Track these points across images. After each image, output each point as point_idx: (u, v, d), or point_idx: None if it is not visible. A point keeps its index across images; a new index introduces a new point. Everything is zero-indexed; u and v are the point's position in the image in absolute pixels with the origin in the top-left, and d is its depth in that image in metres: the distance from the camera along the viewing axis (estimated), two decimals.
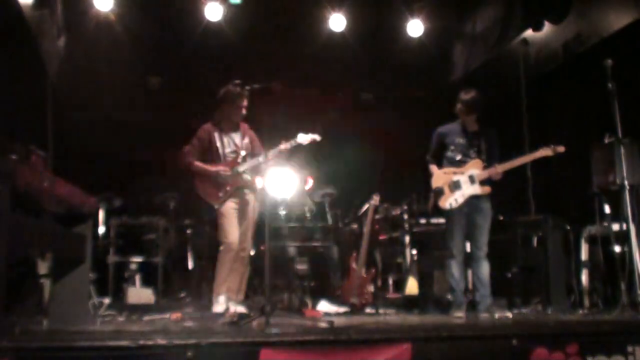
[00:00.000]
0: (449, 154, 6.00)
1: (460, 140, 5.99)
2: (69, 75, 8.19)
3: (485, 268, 5.79)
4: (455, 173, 5.89)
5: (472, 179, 5.83)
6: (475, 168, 5.88)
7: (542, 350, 3.91)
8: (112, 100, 8.97)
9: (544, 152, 5.82)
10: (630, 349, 4.02)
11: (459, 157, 5.94)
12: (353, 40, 8.79)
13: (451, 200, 5.85)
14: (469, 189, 5.83)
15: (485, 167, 5.86)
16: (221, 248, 6.03)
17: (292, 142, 6.10)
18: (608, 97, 5.47)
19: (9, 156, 3.86)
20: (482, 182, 5.84)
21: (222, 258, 6.01)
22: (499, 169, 5.79)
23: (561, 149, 5.80)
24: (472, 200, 5.83)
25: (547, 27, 7.62)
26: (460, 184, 5.85)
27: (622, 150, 5.56)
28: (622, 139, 5.52)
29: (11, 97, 6.42)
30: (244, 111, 6.17)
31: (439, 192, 5.92)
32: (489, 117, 6.39)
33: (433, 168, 6.06)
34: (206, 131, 6.20)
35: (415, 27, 8.79)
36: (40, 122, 7.06)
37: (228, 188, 6.06)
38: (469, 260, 6.04)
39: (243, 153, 6.18)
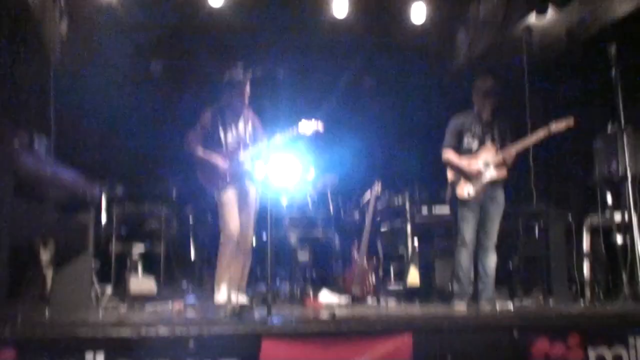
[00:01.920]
0: (465, 142, 5.95)
1: (476, 129, 5.95)
2: (72, 60, 8.16)
3: (492, 259, 5.76)
4: (468, 162, 5.86)
5: (486, 165, 5.80)
6: (488, 154, 5.85)
7: (543, 341, 3.92)
8: (114, 86, 8.95)
9: (556, 127, 5.77)
10: (631, 339, 4.03)
11: (475, 145, 5.91)
12: (355, 25, 8.74)
13: (468, 189, 5.81)
14: (485, 175, 5.79)
15: (497, 151, 5.84)
16: (221, 238, 6.04)
17: (295, 131, 6.07)
18: (612, 84, 5.43)
19: (12, 142, 3.85)
20: (498, 166, 5.80)
21: (222, 248, 6.01)
22: (512, 150, 5.75)
23: (570, 121, 5.74)
24: (488, 189, 5.80)
25: (551, 12, 7.55)
26: (480, 172, 5.81)
27: (625, 140, 5.53)
28: (625, 128, 5.50)
29: (13, 84, 6.41)
30: (246, 97, 6.13)
31: (456, 182, 5.88)
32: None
33: (452, 156, 5.96)
34: (209, 117, 6.17)
35: (418, 13, 8.74)
36: (43, 109, 7.03)
37: (228, 179, 6.05)
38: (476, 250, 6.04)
39: (244, 141, 6.15)
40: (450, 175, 5.95)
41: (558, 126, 5.75)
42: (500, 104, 6.04)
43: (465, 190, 5.82)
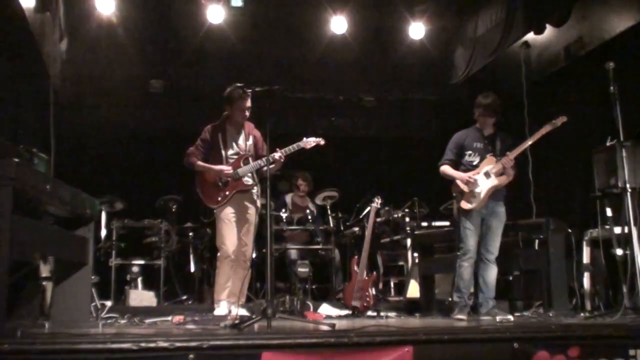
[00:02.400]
0: (467, 158, 5.97)
1: (479, 145, 5.98)
2: (71, 78, 8.21)
3: (493, 272, 5.78)
4: (470, 173, 5.88)
5: (487, 175, 5.83)
6: (488, 164, 5.88)
7: (543, 353, 3.90)
8: (114, 103, 8.99)
9: (548, 127, 5.81)
10: (632, 352, 4.01)
11: (477, 162, 5.94)
12: (355, 42, 8.80)
13: (471, 199, 5.82)
14: (486, 184, 5.81)
15: (497, 161, 5.87)
16: (218, 254, 6.05)
17: (296, 146, 6.10)
18: (610, 100, 5.47)
19: (12, 159, 3.87)
20: (499, 174, 5.83)
21: (220, 264, 6.02)
22: (511, 156, 5.78)
23: (563, 119, 5.78)
24: (489, 203, 5.82)
25: (549, 30, 7.62)
26: (478, 182, 5.83)
27: (624, 154, 5.55)
28: (624, 142, 5.52)
29: (13, 100, 6.44)
30: (247, 112, 6.17)
31: (459, 194, 5.90)
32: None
33: (449, 170, 6.00)
34: (209, 133, 6.21)
35: (416, 30, 8.80)
36: (43, 125, 7.07)
37: (227, 192, 6.06)
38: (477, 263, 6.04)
39: (244, 155, 6.17)
40: (454, 189, 5.97)
41: (553, 125, 5.79)
42: (501, 120, 6.08)
43: (469, 202, 5.84)
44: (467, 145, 6.02)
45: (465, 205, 5.85)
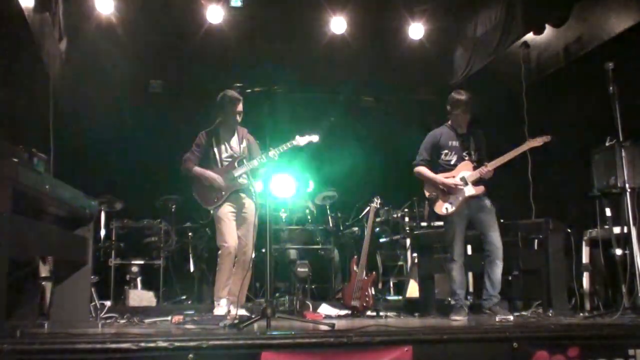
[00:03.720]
0: (444, 157, 5.95)
1: (454, 143, 5.96)
2: (71, 78, 8.20)
3: (498, 269, 5.73)
4: (446, 178, 5.87)
5: (464, 181, 5.81)
6: (465, 170, 5.87)
7: (543, 353, 3.91)
8: (114, 103, 8.99)
9: (531, 143, 5.80)
10: (631, 352, 4.02)
11: (454, 161, 5.92)
12: (354, 43, 8.80)
13: (446, 205, 5.82)
14: (462, 192, 5.80)
15: (475, 167, 5.85)
16: (220, 252, 6.06)
17: (289, 144, 6.13)
18: (609, 100, 5.47)
19: (11, 159, 3.87)
20: (475, 183, 5.81)
21: (221, 262, 6.03)
22: (489, 167, 5.76)
23: (547, 138, 5.77)
24: (470, 201, 5.81)
25: (548, 30, 7.63)
26: (457, 188, 5.82)
27: (623, 154, 5.56)
28: (623, 142, 5.53)
29: (13, 101, 6.43)
30: (239, 117, 6.21)
31: (433, 199, 5.90)
32: (490, 120, 6.41)
33: (426, 171, 5.98)
34: (204, 137, 6.28)
35: (416, 30, 8.80)
36: (42, 125, 7.06)
37: (223, 193, 6.11)
38: (473, 263, 6.04)
39: (239, 158, 6.21)
40: (427, 191, 5.96)
41: (534, 142, 5.78)
42: (474, 117, 6.06)
43: (444, 206, 5.82)
44: (443, 144, 5.98)
45: (439, 209, 5.84)
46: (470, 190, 5.79)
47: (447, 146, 5.95)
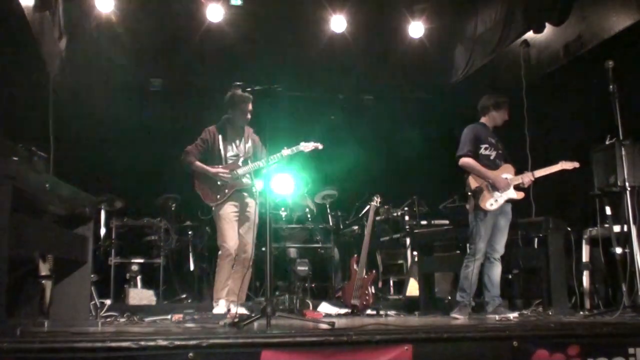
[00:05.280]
0: (483, 152, 5.92)
1: (492, 140, 5.98)
2: (71, 76, 8.20)
3: (498, 270, 5.78)
4: (495, 173, 5.86)
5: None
6: (507, 172, 5.87)
7: (543, 352, 3.90)
8: (113, 101, 8.98)
9: (563, 165, 5.95)
10: (631, 350, 4.01)
11: (493, 156, 5.91)
12: (354, 41, 8.79)
13: (492, 201, 5.76)
14: (506, 192, 5.79)
15: (516, 173, 5.86)
16: (220, 252, 6.05)
17: (294, 149, 6.14)
18: (609, 98, 5.47)
19: (11, 158, 3.87)
20: (517, 187, 5.83)
21: (221, 262, 6.03)
22: (534, 175, 5.81)
23: (576, 164, 5.94)
24: (506, 204, 5.83)
25: (548, 28, 7.62)
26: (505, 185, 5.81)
27: (623, 152, 5.56)
28: (623, 141, 5.53)
29: (13, 99, 6.43)
30: (248, 116, 6.20)
31: (479, 192, 5.82)
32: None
33: (475, 163, 5.86)
34: (210, 133, 6.24)
35: (416, 29, 8.79)
36: (42, 124, 7.06)
37: (226, 190, 6.09)
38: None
39: (243, 157, 6.21)
40: (473, 184, 5.86)
41: (566, 165, 5.95)
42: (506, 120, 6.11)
43: (490, 201, 5.77)
44: (483, 139, 5.97)
45: (484, 204, 5.77)
46: (513, 194, 5.80)
47: (486, 141, 5.96)
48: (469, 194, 5.87)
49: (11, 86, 6.37)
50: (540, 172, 5.87)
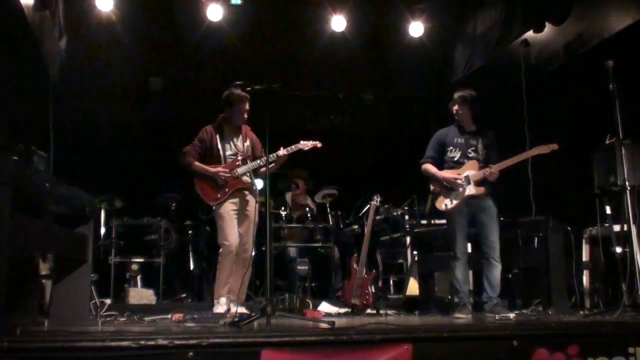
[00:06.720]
0: (449, 155, 5.99)
1: (459, 140, 5.99)
2: (71, 76, 8.20)
3: (497, 270, 5.75)
4: (452, 174, 5.89)
5: (467, 180, 5.83)
6: (471, 169, 5.88)
7: (542, 351, 3.89)
8: (113, 101, 8.99)
9: (539, 150, 5.80)
10: (631, 350, 4.00)
11: (457, 157, 5.94)
12: (354, 41, 8.80)
13: (446, 202, 5.87)
14: (465, 190, 5.82)
15: (480, 168, 5.86)
16: (221, 250, 6.05)
17: (293, 148, 6.14)
18: (609, 98, 5.47)
19: (11, 157, 3.86)
20: (478, 183, 5.82)
21: (222, 260, 6.02)
22: (494, 169, 5.76)
23: (554, 146, 5.78)
24: (472, 200, 5.83)
25: (548, 28, 7.61)
26: (459, 184, 5.84)
27: (623, 151, 5.55)
28: (623, 140, 5.52)
29: (13, 98, 6.43)
30: (245, 115, 6.20)
31: (436, 194, 5.95)
32: (490, 118, 6.40)
33: (431, 168, 6.01)
34: (208, 133, 6.23)
35: (416, 28, 8.80)
36: (42, 123, 7.06)
37: (227, 189, 6.09)
38: (474, 261, 6.04)
39: (242, 156, 6.21)
40: (432, 186, 6.04)
41: (542, 149, 5.79)
42: (478, 112, 6.08)
43: (444, 202, 5.89)
44: (448, 141, 6.03)
45: (440, 205, 5.90)
46: (471, 190, 5.81)
47: (452, 143, 6.01)
48: (430, 196, 5.98)
49: (11, 86, 6.37)
50: (503, 164, 5.77)
